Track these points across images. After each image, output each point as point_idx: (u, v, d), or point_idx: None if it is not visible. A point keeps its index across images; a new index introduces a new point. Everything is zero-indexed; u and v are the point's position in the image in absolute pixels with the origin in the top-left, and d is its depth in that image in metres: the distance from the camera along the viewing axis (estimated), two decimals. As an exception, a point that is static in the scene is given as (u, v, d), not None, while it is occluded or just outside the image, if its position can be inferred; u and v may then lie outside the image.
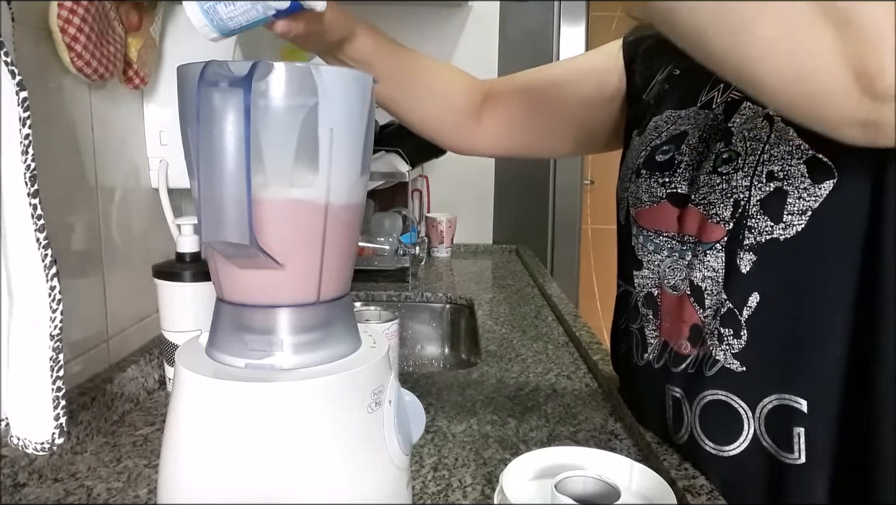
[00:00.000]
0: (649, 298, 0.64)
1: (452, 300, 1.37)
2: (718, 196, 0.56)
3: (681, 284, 0.60)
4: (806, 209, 0.51)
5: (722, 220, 0.56)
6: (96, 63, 0.70)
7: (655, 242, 0.63)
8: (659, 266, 0.62)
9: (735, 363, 0.55)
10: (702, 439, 0.58)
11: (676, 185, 0.61)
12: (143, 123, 0.88)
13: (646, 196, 0.63)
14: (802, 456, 0.53)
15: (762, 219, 0.53)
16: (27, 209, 0.45)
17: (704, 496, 0.56)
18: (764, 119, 0.54)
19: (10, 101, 0.44)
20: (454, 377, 0.89)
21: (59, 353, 0.48)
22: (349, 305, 0.46)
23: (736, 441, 0.56)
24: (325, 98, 0.39)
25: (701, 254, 0.58)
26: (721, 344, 0.56)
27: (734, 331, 0.55)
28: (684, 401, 0.60)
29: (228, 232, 0.38)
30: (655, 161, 0.63)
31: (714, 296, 0.57)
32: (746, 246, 0.54)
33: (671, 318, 0.61)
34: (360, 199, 0.44)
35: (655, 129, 0.66)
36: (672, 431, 0.62)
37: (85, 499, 0.58)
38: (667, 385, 0.61)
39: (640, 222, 0.65)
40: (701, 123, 0.61)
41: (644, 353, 0.65)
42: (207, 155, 0.37)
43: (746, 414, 0.55)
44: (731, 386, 0.56)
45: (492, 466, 0.64)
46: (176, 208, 0.90)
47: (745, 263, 0.54)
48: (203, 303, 0.77)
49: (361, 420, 0.41)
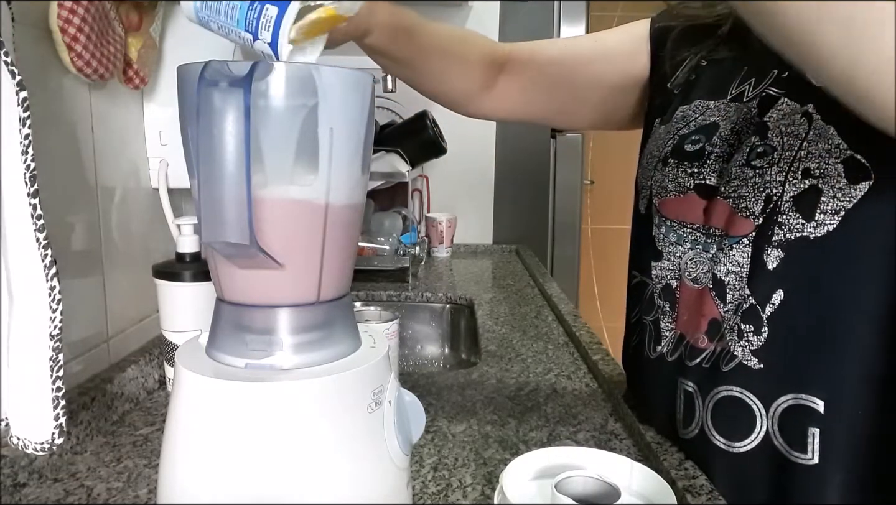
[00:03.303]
0: (667, 289, 0.63)
1: (452, 300, 1.37)
2: (750, 190, 0.55)
3: (703, 277, 0.59)
4: (839, 209, 0.50)
5: (752, 214, 0.55)
6: (96, 63, 0.70)
7: (678, 234, 0.62)
8: (680, 258, 0.61)
9: (753, 360, 0.55)
10: (712, 435, 0.58)
11: (705, 176, 0.60)
12: (143, 123, 0.88)
13: (672, 185, 0.62)
14: (816, 456, 0.52)
15: (794, 216, 0.52)
16: (27, 209, 0.45)
17: (704, 496, 0.56)
18: (803, 116, 0.53)
19: (10, 101, 0.44)
20: (454, 377, 0.89)
21: (59, 353, 0.48)
22: (349, 305, 0.46)
23: (747, 438, 0.55)
24: (325, 98, 0.39)
25: (727, 247, 0.57)
26: (740, 340, 0.55)
27: (755, 327, 0.55)
28: (697, 395, 0.59)
29: (228, 232, 0.38)
30: (684, 150, 0.62)
31: (737, 291, 0.56)
32: (775, 242, 0.53)
33: (690, 311, 0.60)
34: (361, 199, 0.44)
35: (683, 118, 0.65)
36: (681, 424, 0.62)
37: (85, 499, 0.58)
38: (679, 378, 0.61)
39: (664, 212, 0.64)
40: (733, 116, 0.60)
41: (657, 345, 0.64)
42: (207, 155, 0.37)
43: (760, 412, 0.55)
44: (747, 383, 0.55)
45: (492, 466, 0.64)
46: (176, 208, 0.90)
47: (772, 260, 0.54)
48: (203, 303, 0.77)
49: (361, 420, 0.41)
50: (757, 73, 0.60)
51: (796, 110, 0.54)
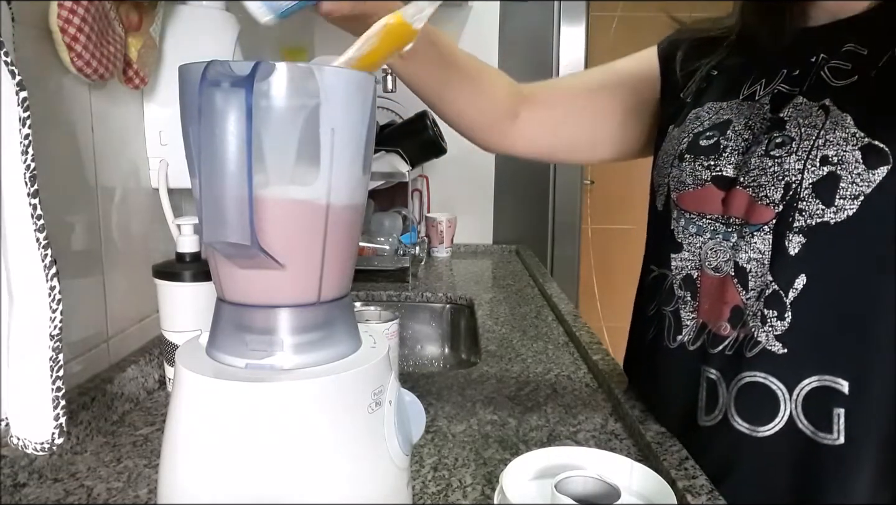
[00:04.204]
0: (688, 280, 0.65)
1: (452, 300, 1.37)
2: (769, 178, 0.57)
3: (724, 265, 0.61)
4: (858, 194, 0.52)
5: (772, 202, 0.57)
6: (96, 63, 0.70)
7: (698, 225, 0.64)
8: (700, 248, 0.63)
9: (777, 345, 0.57)
10: (735, 420, 0.59)
11: (722, 167, 0.62)
12: (143, 123, 0.88)
13: (689, 179, 0.64)
14: (841, 437, 0.54)
15: (814, 202, 0.54)
16: (27, 209, 0.45)
17: (704, 496, 0.56)
18: (819, 108, 0.55)
19: (10, 101, 0.44)
20: (454, 377, 0.89)
21: (59, 353, 0.48)
22: (349, 305, 0.46)
23: (771, 422, 0.57)
24: (327, 99, 0.39)
25: (748, 235, 0.59)
26: (764, 326, 0.57)
27: (778, 312, 0.57)
28: (721, 382, 0.61)
29: (229, 232, 0.38)
30: (700, 146, 0.64)
31: (759, 277, 0.58)
32: (796, 228, 0.55)
33: (711, 299, 0.62)
34: (361, 199, 0.44)
35: (697, 118, 0.67)
36: (703, 412, 0.63)
37: (85, 499, 0.58)
38: (703, 366, 0.62)
39: (683, 205, 0.66)
40: (746, 112, 0.62)
41: (678, 335, 0.65)
42: (209, 155, 0.37)
43: (784, 396, 0.57)
44: (771, 368, 0.57)
45: (492, 466, 0.64)
46: (176, 208, 0.90)
47: (794, 246, 0.56)
48: (203, 303, 0.77)
49: (361, 420, 0.41)
50: (767, 73, 0.63)
51: (812, 104, 0.56)
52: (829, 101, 0.55)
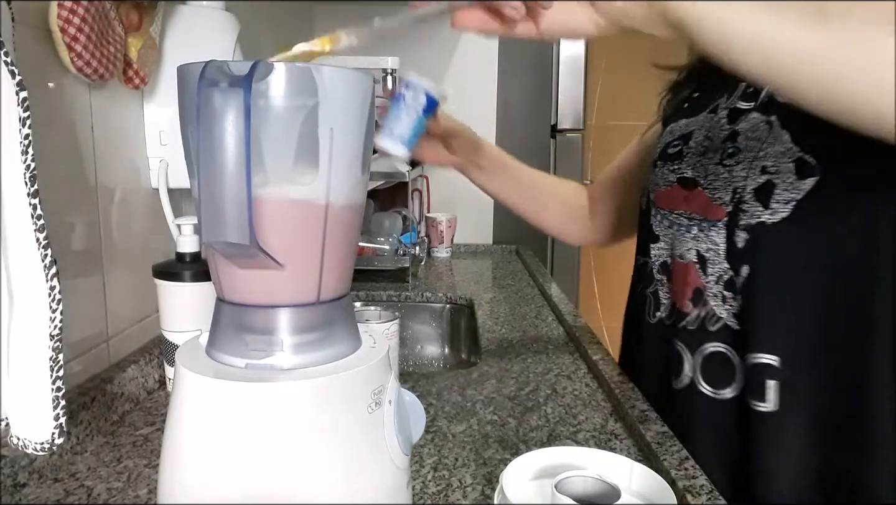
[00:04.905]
0: (664, 266, 0.76)
1: (452, 300, 1.37)
2: (721, 183, 0.67)
3: (687, 253, 0.71)
4: (791, 200, 0.61)
5: (724, 202, 0.66)
6: (96, 63, 0.70)
7: (669, 219, 0.74)
8: (672, 239, 0.73)
9: (733, 321, 0.66)
10: (701, 384, 0.69)
11: (683, 170, 0.73)
12: (143, 123, 0.88)
13: (661, 181, 0.76)
14: (772, 405, 0.63)
15: (755, 204, 0.63)
16: (27, 209, 0.45)
17: (704, 496, 0.56)
18: (765, 124, 0.65)
19: (10, 101, 0.44)
20: (454, 377, 0.89)
21: (59, 353, 0.48)
22: (349, 305, 0.46)
23: (728, 386, 0.67)
24: (326, 98, 0.39)
25: (706, 229, 0.68)
26: (724, 304, 0.67)
27: (733, 295, 0.66)
28: (685, 351, 0.70)
29: (229, 232, 0.38)
30: (667, 153, 0.77)
31: (717, 265, 0.67)
32: (742, 226, 0.65)
33: (679, 282, 0.72)
34: (361, 199, 0.44)
35: (671, 132, 0.79)
36: (673, 375, 0.72)
37: (85, 499, 0.58)
38: (674, 339, 0.72)
39: (657, 203, 0.77)
40: (707, 125, 0.73)
41: (656, 311, 0.77)
42: (208, 155, 0.37)
43: (737, 366, 0.66)
44: (729, 340, 0.67)
45: (492, 466, 0.64)
46: (176, 208, 0.90)
47: (741, 240, 0.65)
48: (203, 303, 0.77)
49: (361, 420, 0.41)
50: (727, 88, 0.73)
51: (761, 120, 0.66)
52: (775, 117, 0.64)
